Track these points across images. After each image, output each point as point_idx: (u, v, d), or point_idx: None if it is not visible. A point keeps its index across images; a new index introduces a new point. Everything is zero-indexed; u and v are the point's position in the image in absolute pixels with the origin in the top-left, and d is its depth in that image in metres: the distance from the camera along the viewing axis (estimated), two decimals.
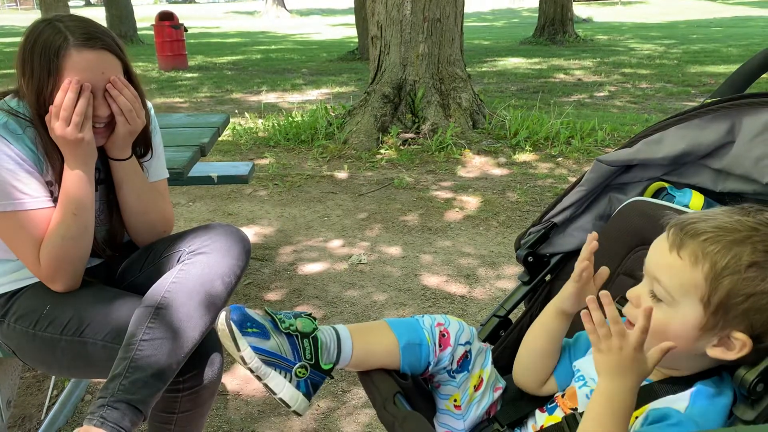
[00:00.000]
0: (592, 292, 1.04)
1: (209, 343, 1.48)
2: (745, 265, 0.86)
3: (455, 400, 1.15)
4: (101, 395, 1.34)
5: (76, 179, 1.45)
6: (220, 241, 1.51)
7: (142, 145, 1.65)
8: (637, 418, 0.93)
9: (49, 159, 1.47)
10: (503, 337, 1.32)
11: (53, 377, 2.21)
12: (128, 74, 1.50)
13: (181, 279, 1.44)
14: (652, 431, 0.88)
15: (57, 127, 1.40)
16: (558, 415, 1.07)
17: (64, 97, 1.38)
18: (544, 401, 1.13)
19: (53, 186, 1.50)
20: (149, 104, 1.67)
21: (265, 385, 1.07)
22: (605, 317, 0.86)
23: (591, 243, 1.05)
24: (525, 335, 1.17)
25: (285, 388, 1.07)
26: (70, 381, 2.19)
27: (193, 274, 1.45)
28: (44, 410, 2.11)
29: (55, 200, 1.49)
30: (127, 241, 1.72)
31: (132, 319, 1.41)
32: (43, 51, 1.40)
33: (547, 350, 1.13)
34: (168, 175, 1.77)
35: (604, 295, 0.85)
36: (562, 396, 1.09)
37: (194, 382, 1.46)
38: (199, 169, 2.97)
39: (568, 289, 1.08)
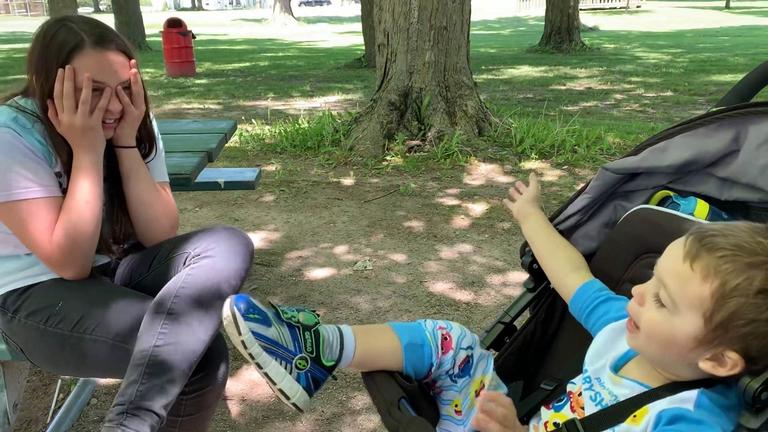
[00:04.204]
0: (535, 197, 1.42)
1: (215, 347, 1.49)
2: (755, 290, 0.85)
3: (456, 405, 1.15)
4: (118, 402, 1.35)
5: (87, 167, 1.52)
6: (224, 244, 1.52)
7: (146, 144, 1.72)
8: (635, 416, 0.93)
9: (58, 151, 1.52)
10: (508, 343, 1.32)
11: (59, 380, 2.23)
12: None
13: (189, 284, 1.45)
14: (676, 430, 0.87)
15: (64, 116, 1.47)
16: (565, 414, 1.06)
17: (62, 87, 1.45)
18: (547, 399, 1.13)
19: (62, 177, 1.54)
20: (151, 114, 1.75)
21: (265, 375, 1.07)
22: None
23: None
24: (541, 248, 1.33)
25: (284, 379, 1.08)
26: (77, 385, 2.20)
27: (200, 279, 1.46)
28: (50, 413, 2.12)
29: (63, 191, 1.53)
30: (133, 243, 1.74)
31: (142, 325, 1.42)
32: (59, 50, 1.46)
33: (552, 243, 1.31)
34: (168, 180, 1.81)
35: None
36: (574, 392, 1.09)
37: (199, 386, 1.47)
38: (206, 174, 2.99)
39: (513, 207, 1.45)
